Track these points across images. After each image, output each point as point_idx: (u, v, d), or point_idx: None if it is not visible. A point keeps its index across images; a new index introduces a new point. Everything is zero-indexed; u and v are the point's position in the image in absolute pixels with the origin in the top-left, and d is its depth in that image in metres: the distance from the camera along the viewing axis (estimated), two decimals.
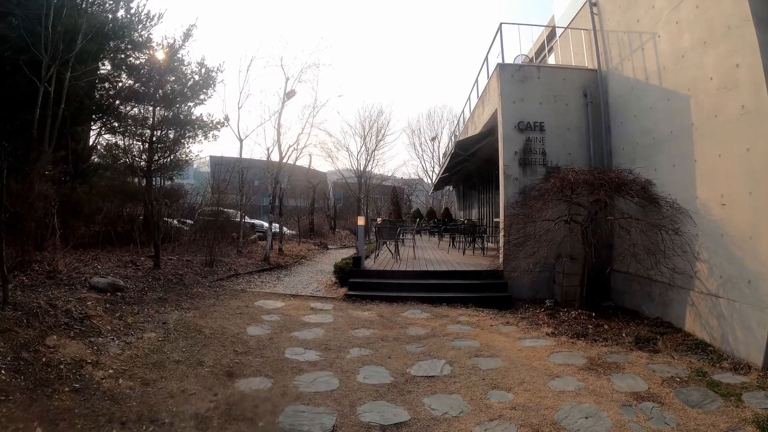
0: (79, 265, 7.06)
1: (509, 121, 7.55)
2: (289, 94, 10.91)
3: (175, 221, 12.42)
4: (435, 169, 40.09)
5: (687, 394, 3.84)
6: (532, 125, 7.57)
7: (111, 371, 3.83)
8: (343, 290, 7.43)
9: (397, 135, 49.51)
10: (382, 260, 9.09)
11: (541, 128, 7.59)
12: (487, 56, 9.69)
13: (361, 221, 8.33)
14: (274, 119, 11.14)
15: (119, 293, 6.15)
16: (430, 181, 40.85)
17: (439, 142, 40.45)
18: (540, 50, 10.52)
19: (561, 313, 6.38)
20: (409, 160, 49.21)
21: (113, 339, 4.59)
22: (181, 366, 4.14)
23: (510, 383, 3.97)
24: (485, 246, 10.37)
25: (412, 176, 37.42)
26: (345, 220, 27.13)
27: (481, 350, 4.83)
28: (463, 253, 10.33)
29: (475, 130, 10.32)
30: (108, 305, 5.55)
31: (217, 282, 8.06)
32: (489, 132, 9.43)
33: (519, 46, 8.86)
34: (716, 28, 5.15)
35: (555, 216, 6.47)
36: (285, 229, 19.59)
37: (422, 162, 39.03)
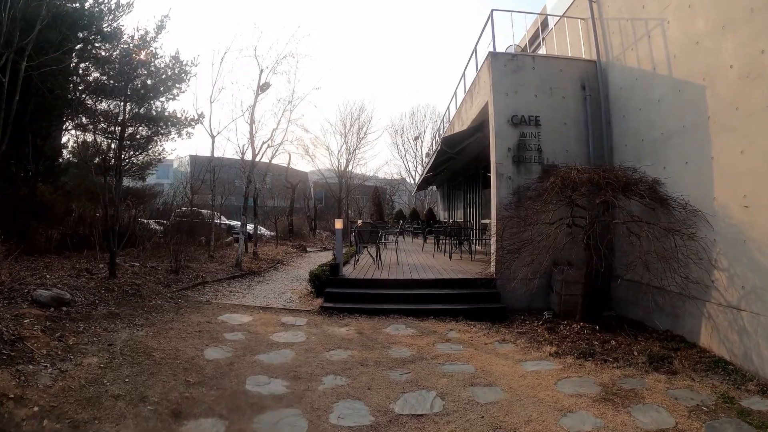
0: (26, 275, 6.20)
1: (502, 115, 6.91)
2: (263, 87, 10.05)
3: (153, 222, 11.69)
4: (418, 169, 39.57)
5: (719, 429, 3.27)
6: (527, 119, 6.95)
7: (36, 409, 3.12)
8: (318, 301, 6.65)
9: (380, 133, 48.85)
10: (362, 266, 8.34)
11: (536, 123, 6.97)
12: (476, 47, 9.05)
13: (339, 224, 7.55)
14: (248, 115, 10.24)
15: (64, 308, 5.30)
16: (412, 181, 40.33)
17: (422, 142, 39.97)
18: (533, 39, 9.94)
19: (562, 327, 5.75)
20: (392, 160, 48.68)
21: (47, 366, 3.81)
22: (120, 403, 3.36)
23: (515, 422, 3.29)
24: (473, 249, 9.72)
25: (395, 176, 36.82)
26: (326, 221, 26.26)
27: (477, 377, 4.12)
28: (450, 258, 9.66)
29: (462, 126, 9.67)
30: (48, 323, 4.74)
31: (181, 292, 7.19)
32: (477, 128, 8.79)
33: (512, 36, 8.28)
34: (737, 10, 4.60)
35: (555, 219, 5.84)
36: (264, 230, 18.69)
37: (405, 162, 38.52)
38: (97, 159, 10.74)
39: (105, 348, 4.42)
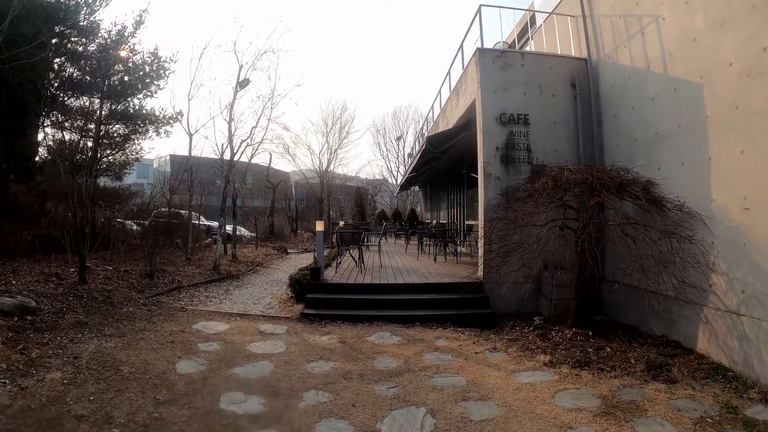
0: None
1: (490, 113, 6.67)
2: (242, 84, 9.60)
3: (132, 223, 11.29)
4: (400, 170, 39.45)
5: None
6: (516, 118, 6.72)
7: None
8: (299, 307, 6.28)
9: (362, 133, 48.37)
10: (344, 270, 7.98)
11: (525, 121, 6.75)
12: (462, 44, 8.81)
13: (320, 226, 7.17)
14: (227, 112, 9.76)
15: (29, 317, 4.93)
16: (395, 182, 40.15)
17: (404, 142, 39.82)
18: (521, 35, 9.75)
19: (553, 333, 5.53)
20: (374, 160, 48.27)
21: (5, 383, 3.46)
22: (83, 425, 3.02)
23: None
24: (458, 251, 9.48)
25: (377, 176, 36.52)
26: (307, 221, 25.76)
27: (469, 390, 3.84)
28: (435, 260, 9.39)
29: (447, 125, 9.43)
30: (11, 334, 4.37)
31: (155, 298, 6.72)
32: (463, 126, 8.55)
33: (500, 32, 8.06)
34: (737, 7, 4.45)
35: (546, 220, 5.62)
36: (244, 230, 18.12)
37: (387, 162, 38.35)
38: (76, 158, 10.31)
39: (70, 361, 4.06)
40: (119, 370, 4.00)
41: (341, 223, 12.73)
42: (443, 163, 13.14)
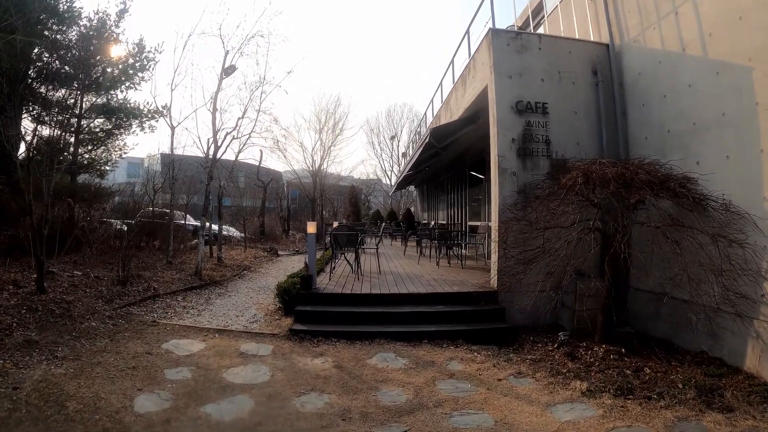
0: None
1: (504, 101, 5.95)
2: (227, 70, 8.76)
3: (120, 223, 10.58)
4: (394, 169, 38.76)
5: None
6: (533, 106, 6.02)
7: None
8: (287, 321, 5.48)
9: (356, 130, 47.30)
10: (339, 276, 7.21)
11: (543, 111, 6.05)
12: (468, 29, 8.13)
13: (311, 228, 6.37)
14: (211, 103, 8.92)
15: None
16: (388, 182, 39.40)
17: (398, 141, 39.12)
18: (535, 14, 9.05)
19: (581, 351, 4.83)
20: (367, 160, 47.35)
21: None
22: None
23: None
24: (462, 254, 8.76)
25: (370, 176, 35.72)
26: (299, 221, 24.90)
27: None
28: (437, 265, 8.66)
29: (451, 117, 8.71)
30: None
31: (124, 309, 5.92)
32: (469, 119, 7.83)
33: (513, 14, 7.32)
34: None
35: (574, 221, 4.92)
36: (233, 231, 17.27)
37: (381, 162, 37.63)
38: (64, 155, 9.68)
39: (7, 393, 3.34)
40: (64, 406, 3.23)
41: (335, 223, 11.92)
42: (443, 160, 12.43)
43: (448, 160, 12.51)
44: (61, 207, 9.31)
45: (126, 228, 10.39)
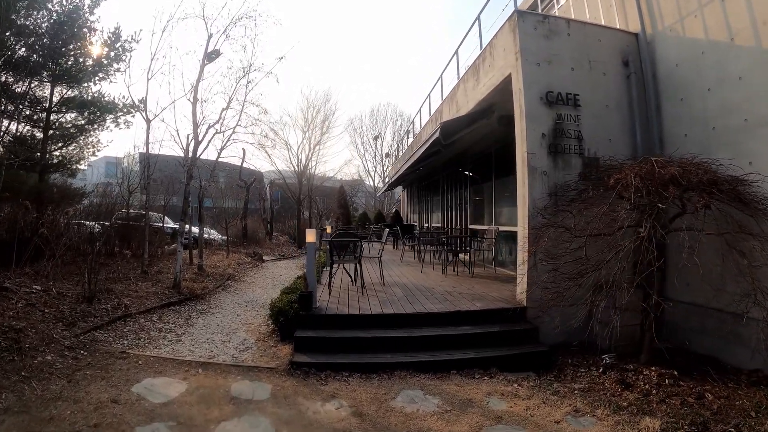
0: None
1: (533, 91, 5.26)
2: (210, 56, 7.81)
3: (95, 225, 9.69)
4: (377, 170, 38.06)
5: None
6: (564, 98, 5.35)
7: None
8: (286, 350, 4.59)
9: (344, 128, 46.19)
10: (339, 290, 6.38)
11: (575, 103, 5.39)
12: (479, 15, 7.45)
13: (311, 236, 5.47)
14: (192, 93, 7.95)
15: None
16: (371, 182, 38.65)
17: (382, 141, 38.44)
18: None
19: (631, 375, 4.25)
20: (351, 160, 46.34)
21: None
22: None
23: None
24: (469, 261, 8.04)
25: (354, 176, 34.85)
26: (283, 223, 23.86)
27: None
28: (444, 274, 7.92)
29: (458, 111, 7.98)
30: None
31: (89, 335, 4.95)
32: (483, 112, 7.11)
33: None
34: None
35: (620, 227, 4.26)
36: (215, 233, 16.20)
37: (364, 162, 36.90)
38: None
39: None
40: None
41: (328, 228, 11.04)
42: (440, 159, 11.73)
43: (445, 159, 11.80)
44: (20, 210, 8.24)
45: (100, 230, 9.52)
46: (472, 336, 4.66)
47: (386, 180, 33.44)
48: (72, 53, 9.46)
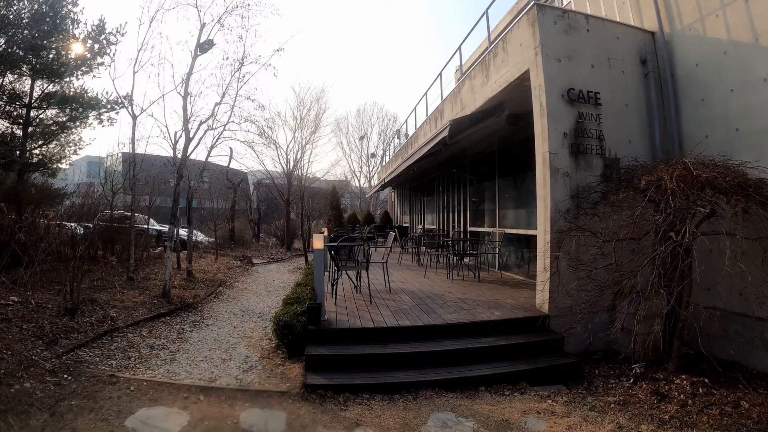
0: None
1: (555, 88, 5.01)
2: (203, 46, 7.30)
3: (77, 226, 9.25)
4: (363, 170, 37.68)
5: None
6: (585, 96, 5.11)
7: None
8: (296, 369, 4.18)
9: (332, 128, 45.53)
10: (343, 298, 5.97)
11: (596, 101, 5.16)
12: (487, 11, 7.18)
13: (318, 242, 5.05)
14: (182, 87, 7.44)
15: None
16: (357, 183, 38.23)
17: (368, 141, 38.06)
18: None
19: (663, 385, 4.05)
20: (338, 161, 45.74)
21: None
22: None
23: None
24: (477, 265, 7.77)
25: (340, 177, 34.41)
26: (269, 224, 23.24)
27: None
28: (450, 279, 7.63)
29: (462, 110, 7.69)
30: None
31: (73, 353, 4.46)
32: (491, 110, 6.85)
33: None
34: None
35: (647, 232, 4.05)
36: (201, 235, 15.61)
37: (350, 162, 36.54)
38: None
39: None
40: None
41: (324, 230, 10.62)
42: (437, 159, 11.46)
43: (442, 159, 11.54)
44: None
45: (83, 233, 9.01)
46: (497, 349, 4.36)
47: (375, 181, 33.10)
48: (54, 46, 8.99)
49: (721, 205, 3.87)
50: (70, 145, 10.89)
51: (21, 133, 8.91)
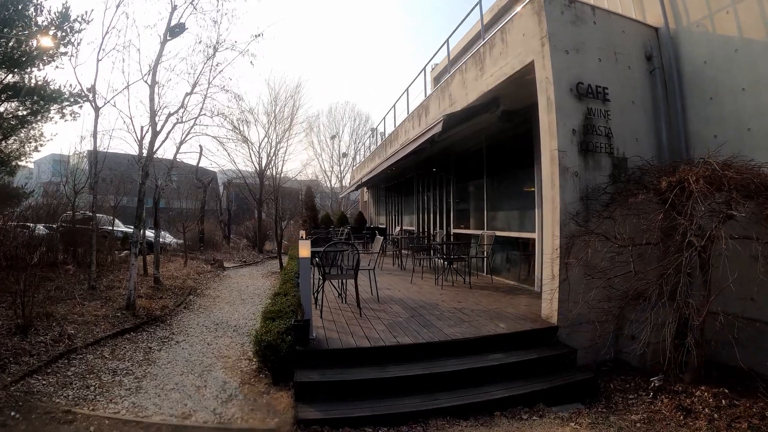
0: None
1: (562, 81, 4.67)
2: (174, 30, 6.55)
3: (41, 228, 8.71)
4: (335, 170, 37.03)
5: None
6: (594, 91, 4.81)
7: None
8: (284, 398, 3.60)
9: (304, 128, 44.47)
10: (329, 309, 5.47)
11: (604, 97, 4.87)
12: (480, 1, 6.80)
13: (305, 250, 4.37)
14: (150, 76, 6.68)
15: None
16: (328, 183, 37.51)
17: (339, 141, 37.45)
18: None
19: (684, 398, 3.84)
20: (311, 160, 44.73)
21: None
22: None
23: None
24: (468, 270, 7.40)
25: (310, 177, 33.63)
26: (239, 224, 22.26)
27: None
28: (440, 285, 7.23)
29: (451, 105, 7.30)
30: None
31: (24, 382, 3.77)
32: (485, 106, 6.49)
33: None
34: None
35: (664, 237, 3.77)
36: (169, 236, 14.65)
37: (320, 162, 35.86)
38: None
39: None
40: None
41: (302, 232, 9.98)
42: (419, 157, 11.03)
43: (424, 157, 11.12)
44: None
45: (41, 236, 8.16)
46: (507, 367, 3.96)
47: (347, 180, 32.49)
48: (13, 33, 8.19)
49: (749, 207, 3.62)
50: (31, 141, 10.40)
51: None
